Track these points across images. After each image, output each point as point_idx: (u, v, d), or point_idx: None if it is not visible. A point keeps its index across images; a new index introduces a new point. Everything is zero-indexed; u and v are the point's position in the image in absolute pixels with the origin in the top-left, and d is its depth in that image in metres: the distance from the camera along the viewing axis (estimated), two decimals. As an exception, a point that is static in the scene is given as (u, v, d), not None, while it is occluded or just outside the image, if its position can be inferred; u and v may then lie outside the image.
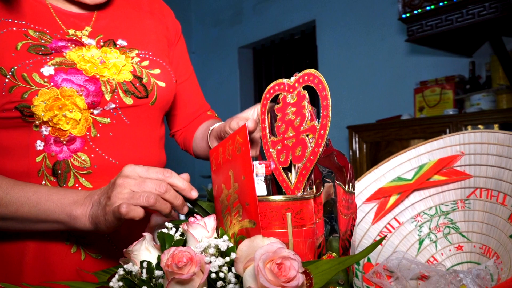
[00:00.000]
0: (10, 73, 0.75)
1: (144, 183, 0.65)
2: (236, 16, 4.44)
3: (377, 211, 0.98)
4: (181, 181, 0.67)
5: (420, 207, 0.97)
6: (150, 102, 0.87)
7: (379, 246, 0.96)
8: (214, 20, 4.70)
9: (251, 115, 0.80)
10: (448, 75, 2.79)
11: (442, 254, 0.92)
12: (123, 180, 0.65)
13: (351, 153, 2.73)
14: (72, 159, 0.79)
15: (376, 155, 2.58)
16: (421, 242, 0.94)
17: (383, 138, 2.55)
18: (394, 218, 0.96)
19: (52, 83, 0.76)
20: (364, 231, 0.97)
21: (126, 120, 0.84)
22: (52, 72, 0.76)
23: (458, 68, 2.83)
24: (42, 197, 0.71)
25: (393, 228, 0.97)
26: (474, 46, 2.74)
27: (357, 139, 2.69)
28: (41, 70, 0.76)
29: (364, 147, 2.65)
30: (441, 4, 2.20)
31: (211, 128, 0.94)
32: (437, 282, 0.80)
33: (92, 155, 0.80)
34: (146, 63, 0.89)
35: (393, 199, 0.98)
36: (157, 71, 0.89)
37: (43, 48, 0.78)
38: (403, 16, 2.41)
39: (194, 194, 0.68)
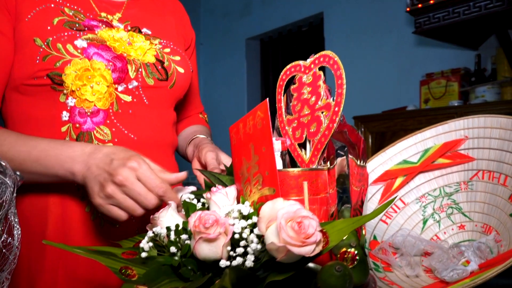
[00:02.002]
0: (45, 43, 0.81)
1: (138, 195, 0.67)
2: (245, 7, 4.47)
3: (384, 192, 1.03)
4: (175, 198, 0.68)
5: (424, 189, 1.01)
6: (169, 85, 0.93)
7: (385, 225, 1.01)
8: (223, 11, 4.73)
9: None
10: (454, 67, 2.82)
11: (445, 233, 0.96)
12: (121, 180, 0.67)
13: (356, 143, 2.76)
14: (95, 131, 0.84)
15: (381, 145, 2.62)
16: (425, 221, 0.99)
17: (388, 129, 2.59)
18: (400, 199, 1.01)
19: (84, 55, 0.82)
20: (371, 211, 1.01)
21: (145, 100, 0.90)
22: (85, 45, 0.83)
23: (464, 60, 2.86)
24: (42, 152, 0.76)
25: (399, 209, 1.01)
26: (480, 39, 2.76)
27: (363, 129, 2.73)
28: (75, 42, 0.82)
29: (369, 137, 2.69)
30: (448, -4, 2.23)
31: (196, 136, 1.02)
32: (440, 257, 0.84)
33: (113, 129, 0.85)
34: (167, 50, 0.96)
35: (399, 181, 1.02)
36: (177, 58, 0.96)
37: (77, 25, 0.85)
38: (411, 8, 2.44)
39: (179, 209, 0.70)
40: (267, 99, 0.57)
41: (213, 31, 4.84)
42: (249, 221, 0.54)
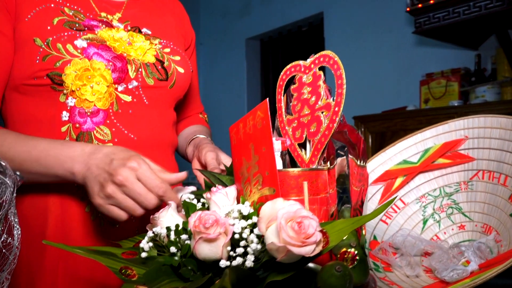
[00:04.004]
0: (45, 43, 0.81)
1: (138, 195, 0.67)
2: (244, 7, 4.47)
3: (384, 192, 1.02)
4: (175, 198, 0.68)
5: (424, 189, 1.01)
6: (169, 85, 0.93)
7: (385, 225, 1.01)
8: (222, 11, 4.73)
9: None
10: (454, 67, 2.81)
11: (445, 233, 0.96)
12: (121, 180, 0.67)
13: (356, 143, 2.77)
14: (95, 131, 0.84)
15: (381, 145, 2.62)
16: (425, 221, 0.99)
17: (388, 129, 2.59)
18: (400, 199, 1.01)
19: (84, 55, 0.82)
20: (371, 211, 1.01)
21: (145, 100, 0.90)
22: (85, 45, 0.83)
23: (464, 60, 2.86)
24: (42, 152, 0.75)
25: (399, 209, 1.01)
26: (480, 39, 2.76)
27: (363, 129, 2.73)
28: (75, 42, 0.82)
29: (369, 137, 2.69)
30: (448, -4, 2.23)
31: (196, 136, 1.01)
32: (440, 257, 0.84)
33: (113, 129, 0.85)
34: (167, 50, 0.96)
35: (399, 181, 1.02)
36: (177, 58, 0.96)
37: (77, 25, 0.85)
38: (411, 8, 2.44)
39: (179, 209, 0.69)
40: (267, 99, 0.57)
41: (213, 31, 4.84)
42: (249, 221, 0.54)
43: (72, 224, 0.85)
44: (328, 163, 0.63)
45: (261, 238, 0.53)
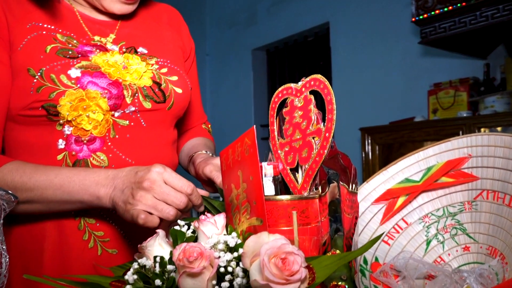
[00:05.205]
0: (39, 73, 0.79)
1: (168, 195, 0.69)
2: (250, 18, 4.48)
3: (385, 212, 1.00)
4: (198, 199, 0.72)
5: (427, 208, 0.98)
6: (167, 107, 0.91)
7: (387, 246, 0.98)
8: (229, 22, 4.74)
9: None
10: (462, 77, 2.78)
11: (449, 254, 0.93)
12: (149, 185, 0.68)
13: (363, 155, 2.74)
14: (91, 158, 0.83)
15: (388, 157, 2.58)
16: (428, 242, 0.96)
17: (395, 140, 2.56)
18: (402, 219, 0.98)
19: (78, 85, 0.80)
20: (372, 231, 0.98)
21: (143, 123, 0.88)
22: (79, 75, 0.81)
23: (473, 70, 2.82)
24: (65, 179, 0.75)
25: (401, 229, 0.99)
26: (489, 48, 2.73)
27: (369, 141, 2.70)
28: (69, 72, 0.80)
29: (376, 149, 2.66)
30: (454, 6, 2.20)
31: (193, 154, 1.01)
32: (442, 281, 0.81)
33: (110, 155, 0.84)
34: (164, 70, 0.93)
35: (401, 200, 1.00)
36: (174, 78, 0.94)
37: (70, 52, 0.83)
38: (416, 18, 2.42)
39: (201, 209, 0.74)
40: (254, 126, 0.56)
41: (220, 42, 4.85)
42: (235, 254, 0.52)
43: (69, 252, 0.83)
44: (320, 188, 0.60)
45: (247, 272, 0.51)
